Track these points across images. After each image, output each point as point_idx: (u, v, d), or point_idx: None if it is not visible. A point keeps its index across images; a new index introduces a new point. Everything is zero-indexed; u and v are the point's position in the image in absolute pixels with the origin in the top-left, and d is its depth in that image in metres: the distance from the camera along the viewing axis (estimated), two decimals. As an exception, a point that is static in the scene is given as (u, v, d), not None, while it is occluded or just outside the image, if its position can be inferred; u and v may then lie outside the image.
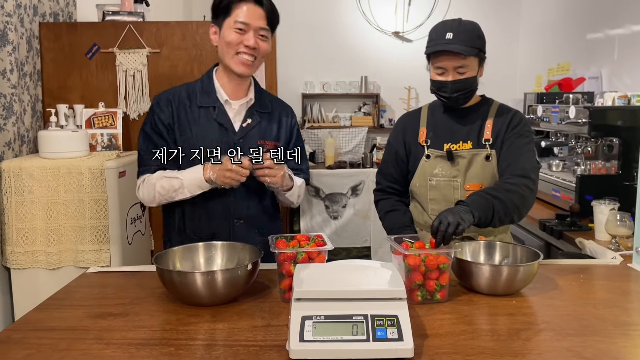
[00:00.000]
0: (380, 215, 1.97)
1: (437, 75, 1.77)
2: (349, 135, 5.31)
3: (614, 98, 2.78)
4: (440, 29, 1.75)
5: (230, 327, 1.23)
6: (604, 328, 1.24)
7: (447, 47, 1.69)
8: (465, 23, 1.75)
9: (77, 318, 1.30)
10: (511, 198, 1.62)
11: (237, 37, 1.67)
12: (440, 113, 1.87)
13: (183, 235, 1.77)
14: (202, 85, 1.78)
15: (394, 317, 1.08)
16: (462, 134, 1.82)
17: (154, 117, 1.74)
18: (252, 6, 1.66)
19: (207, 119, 1.74)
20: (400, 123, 1.96)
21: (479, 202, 1.57)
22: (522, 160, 1.72)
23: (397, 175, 1.92)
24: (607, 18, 3.82)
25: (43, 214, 2.40)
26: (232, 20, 1.66)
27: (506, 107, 1.87)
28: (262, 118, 1.79)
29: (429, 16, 5.42)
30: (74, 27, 2.86)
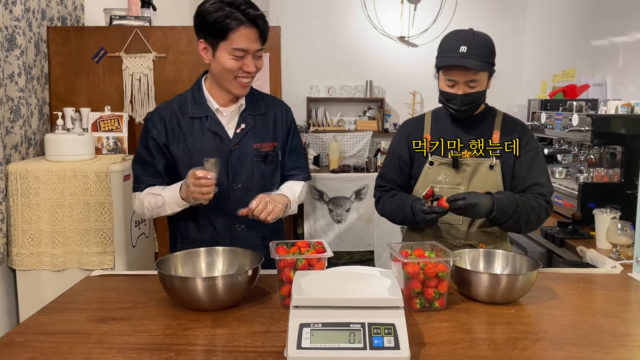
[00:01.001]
0: (383, 202, 1.91)
1: (447, 87, 1.76)
2: (353, 139, 5.33)
3: (617, 106, 2.78)
4: (453, 41, 1.74)
5: (230, 333, 1.25)
6: (602, 338, 1.25)
7: (461, 62, 1.68)
8: (479, 36, 1.74)
9: (79, 322, 1.32)
10: (530, 214, 1.74)
11: (236, 63, 1.64)
12: (445, 121, 1.88)
13: (186, 242, 1.79)
14: (193, 96, 1.78)
15: (391, 325, 1.09)
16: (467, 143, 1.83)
17: (146, 135, 1.77)
18: (249, 30, 1.62)
19: (201, 129, 1.74)
20: (403, 129, 1.96)
21: (503, 202, 1.69)
22: (543, 183, 1.81)
23: (400, 180, 1.92)
24: (612, 25, 3.82)
25: (48, 216, 2.42)
26: (229, 46, 1.62)
27: (511, 117, 1.89)
28: (256, 121, 1.79)
29: (434, 21, 5.43)
30: (82, 31, 2.89)
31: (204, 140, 1.74)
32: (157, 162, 1.76)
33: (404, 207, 1.78)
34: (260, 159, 1.78)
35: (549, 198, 1.81)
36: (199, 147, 1.73)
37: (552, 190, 1.83)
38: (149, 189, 1.76)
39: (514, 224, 1.74)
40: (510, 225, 1.75)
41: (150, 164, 1.76)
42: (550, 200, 1.81)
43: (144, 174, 1.77)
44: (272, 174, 1.82)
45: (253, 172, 1.77)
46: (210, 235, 1.77)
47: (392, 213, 1.86)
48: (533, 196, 1.77)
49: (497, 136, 1.82)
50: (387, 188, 1.92)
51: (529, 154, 1.82)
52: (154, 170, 1.76)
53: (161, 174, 1.77)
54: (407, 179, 1.91)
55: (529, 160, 1.81)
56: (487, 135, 1.83)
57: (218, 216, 1.76)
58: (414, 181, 1.88)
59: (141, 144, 1.78)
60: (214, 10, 1.61)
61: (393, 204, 1.86)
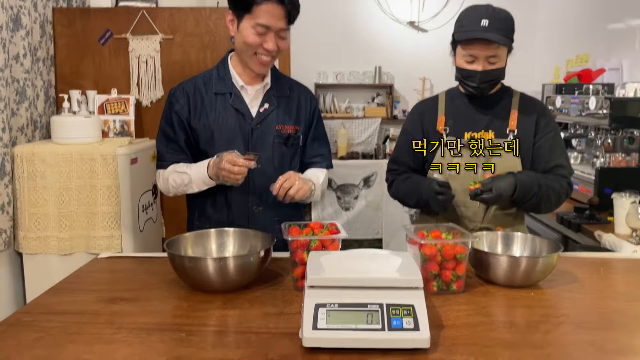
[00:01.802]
0: (397, 185, 1.86)
1: (465, 64, 1.71)
2: (361, 126, 5.27)
3: (636, 89, 2.71)
4: (473, 15, 1.68)
5: (241, 314, 1.21)
6: (626, 322, 1.21)
7: (484, 34, 1.63)
8: (499, 10, 1.68)
9: (88, 302, 1.28)
10: (551, 195, 1.71)
11: (257, 39, 1.61)
12: (460, 101, 1.83)
13: (202, 220, 1.76)
14: (218, 72, 1.75)
15: (410, 306, 1.05)
16: (484, 123, 1.78)
17: (169, 110, 1.74)
18: (274, 6, 1.58)
19: (224, 105, 1.71)
20: (416, 110, 1.91)
21: (526, 184, 1.65)
22: (565, 164, 1.78)
23: (413, 164, 1.86)
24: (628, 8, 3.72)
25: (55, 200, 2.40)
26: (252, 20, 1.59)
27: (528, 97, 1.84)
28: (280, 102, 1.76)
29: (445, 5, 5.34)
30: (87, 12, 2.84)
31: (226, 116, 1.71)
32: (179, 137, 1.73)
33: (420, 190, 1.74)
34: (282, 140, 1.74)
35: (570, 180, 1.77)
36: (221, 123, 1.70)
37: (572, 171, 1.80)
38: (173, 166, 1.73)
39: (535, 205, 1.71)
40: (530, 206, 1.72)
41: (174, 140, 1.74)
42: (571, 181, 1.78)
43: (167, 151, 1.75)
44: (291, 157, 1.78)
45: (273, 153, 1.74)
46: (227, 215, 1.74)
47: (407, 195, 1.82)
48: (556, 177, 1.74)
49: (515, 116, 1.77)
50: (400, 171, 1.88)
51: (549, 135, 1.77)
52: (176, 146, 1.74)
53: (184, 150, 1.74)
54: (421, 162, 1.86)
55: (550, 141, 1.77)
56: (504, 115, 1.78)
57: (235, 196, 1.73)
58: (428, 164, 1.83)
59: (164, 119, 1.76)
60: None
61: (408, 186, 1.81)
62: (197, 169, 1.68)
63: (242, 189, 1.69)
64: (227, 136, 1.69)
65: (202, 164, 1.67)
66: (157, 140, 1.78)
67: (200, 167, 1.68)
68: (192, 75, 1.84)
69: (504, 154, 1.74)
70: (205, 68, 2.82)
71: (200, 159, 1.72)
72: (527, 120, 1.77)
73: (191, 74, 2.83)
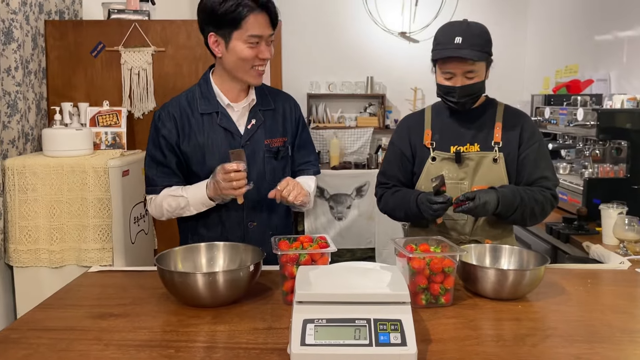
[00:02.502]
0: (386, 199, 1.86)
1: (444, 80, 1.73)
2: (354, 135, 5.29)
3: (622, 100, 2.75)
4: (448, 32, 1.71)
5: (231, 329, 1.22)
6: (612, 335, 1.22)
7: (457, 52, 1.66)
8: (473, 26, 1.71)
9: (77, 318, 1.28)
10: (534, 207, 1.72)
11: (252, 51, 1.61)
12: (445, 115, 1.85)
13: (196, 238, 1.75)
14: (201, 91, 1.73)
15: (397, 321, 1.06)
16: (469, 137, 1.80)
17: (156, 135, 1.72)
18: (261, 15, 1.59)
19: (211, 125, 1.70)
20: (404, 124, 1.93)
21: (508, 197, 1.67)
22: (550, 176, 1.79)
23: (402, 177, 1.88)
24: (616, 20, 3.78)
25: (46, 212, 2.39)
26: (243, 34, 1.58)
27: (512, 109, 1.86)
28: (266, 116, 1.76)
29: (436, 16, 5.39)
30: (80, 25, 2.85)
31: (214, 136, 1.70)
32: (170, 161, 1.71)
33: (409, 201, 1.75)
34: (272, 154, 1.74)
35: (555, 191, 1.79)
36: (211, 143, 1.69)
37: (557, 182, 1.81)
38: (166, 190, 1.71)
39: (519, 218, 1.73)
40: (514, 219, 1.74)
41: (164, 164, 1.71)
42: (556, 193, 1.79)
43: (158, 175, 1.72)
44: (282, 169, 1.78)
45: (264, 168, 1.73)
46: (221, 233, 1.73)
47: (395, 209, 1.83)
48: (539, 189, 1.75)
49: (499, 129, 1.79)
50: (389, 185, 1.89)
51: (533, 146, 1.79)
52: (168, 170, 1.72)
53: (176, 173, 1.72)
54: (410, 175, 1.88)
55: (534, 153, 1.78)
56: (489, 128, 1.80)
57: (229, 214, 1.72)
58: (416, 177, 1.85)
59: (151, 143, 1.73)
60: (223, 0, 1.57)
61: (397, 199, 1.82)
62: (195, 191, 1.66)
63: (237, 206, 1.68)
64: (218, 156, 1.68)
65: (199, 186, 1.66)
66: (146, 165, 1.75)
67: (197, 189, 1.66)
68: (184, 88, 1.84)
69: (490, 167, 1.76)
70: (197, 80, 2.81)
71: (192, 180, 1.72)
72: (511, 132, 1.79)
73: (183, 86, 2.84)
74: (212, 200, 1.63)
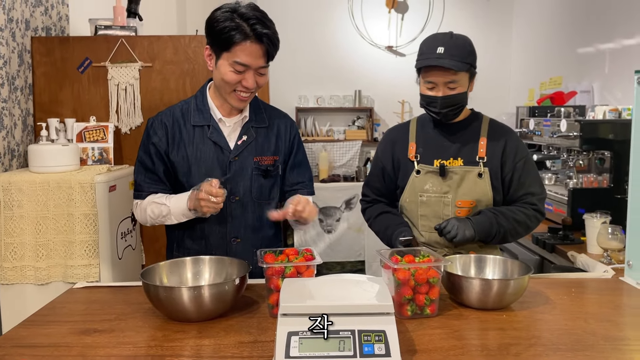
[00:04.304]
0: (370, 221, 1.94)
1: (427, 90, 1.75)
2: (342, 148, 5.32)
3: (604, 111, 2.79)
4: (431, 43, 1.74)
5: (216, 343, 1.21)
6: (595, 343, 1.23)
7: (438, 62, 1.68)
8: (457, 37, 1.74)
9: (61, 334, 1.27)
10: (516, 227, 1.76)
11: (236, 77, 1.61)
12: (430, 128, 1.86)
13: (181, 251, 1.76)
14: (196, 103, 1.75)
15: (382, 332, 1.06)
16: (453, 151, 1.81)
17: (147, 142, 1.75)
18: (254, 45, 1.58)
19: (202, 138, 1.71)
20: (388, 137, 1.94)
21: (484, 225, 1.72)
22: (535, 191, 1.80)
23: (384, 189, 1.92)
24: (598, 32, 3.85)
25: (32, 229, 2.37)
26: (231, 58, 1.58)
27: (497, 123, 1.87)
28: (259, 133, 1.76)
29: (422, 30, 5.47)
30: (66, 41, 2.86)
31: (204, 149, 1.71)
32: (158, 168, 1.73)
33: (388, 236, 1.83)
34: (260, 172, 1.74)
35: (540, 206, 1.80)
36: (199, 156, 1.70)
37: (544, 196, 1.83)
38: (151, 197, 1.73)
39: (501, 240, 1.78)
40: (497, 241, 1.79)
41: (152, 171, 1.74)
42: (541, 208, 1.81)
43: (145, 181, 1.75)
44: (270, 188, 1.78)
45: (251, 185, 1.73)
46: (205, 247, 1.74)
47: (378, 233, 1.90)
48: (522, 206, 1.78)
49: (484, 143, 1.80)
50: (370, 198, 1.93)
51: (518, 164, 1.80)
52: (155, 177, 1.74)
53: (163, 180, 1.75)
54: (392, 188, 1.90)
55: (519, 171, 1.80)
56: (474, 142, 1.81)
57: (213, 228, 1.73)
58: (400, 190, 1.86)
59: (142, 149, 1.76)
60: (223, 19, 1.57)
61: (379, 226, 1.88)
62: (176, 201, 1.68)
63: (220, 221, 1.69)
64: (205, 169, 1.69)
65: (181, 197, 1.67)
66: (135, 170, 1.78)
67: (179, 199, 1.67)
68: (171, 103, 1.86)
69: (475, 181, 1.78)
70: (184, 95, 2.85)
71: (178, 190, 1.73)
72: (495, 147, 1.80)
73: (170, 101, 2.86)
74: (194, 212, 1.64)
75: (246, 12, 1.58)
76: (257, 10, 1.61)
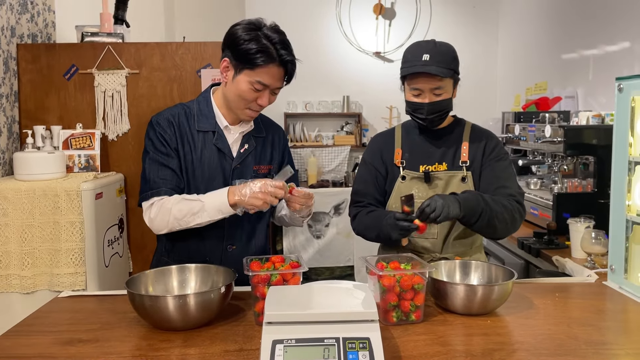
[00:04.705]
0: (360, 219, 1.85)
1: (413, 97, 1.77)
2: (331, 154, 5.34)
3: (588, 117, 2.83)
4: (415, 50, 1.75)
5: (202, 352, 1.21)
6: (577, 347, 1.24)
7: (424, 68, 1.69)
8: (440, 44, 1.76)
9: (44, 345, 1.27)
10: (502, 212, 1.69)
11: (254, 95, 1.63)
12: (415, 134, 1.88)
13: (172, 258, 1.74)
14: (200, 108, 1.73)
15: (366, 339, 1.07)
16: (437, 156, 1.83)
17: (157, 138, 1.68)
18: (277, 69, 1.61)
19: (206, 143, 1.71)
20: (375, 143, 1.95)
21: (470, 201, 1.63)
22: (510, 185, 1.78)
23: (378, 195, 1.89)
24: (582, 39, 3.91)
25: (17, 237, 2.36)
26: (252, 77, 1.60)
27: (479, 128, 1.90)
28: (257, 143, 1.78)
29: (409, 37, 5.50)
30: (53, 48, 2.85)
31: (208, 155, 1.70)
32: (173, 162, 1.67)
33: (380, 222, 1.74)
34: None
35: (519, 199, 1.77)
36: (202, 161, 1.70)
37: (521, 192, 1.80)
38: (179, 195, 1.64)
39: (488, 224, 1.66)
40: (484, 226, 1.67)
41: (167, 166, 1.66)
42: (521, 201, 1.77)
43: (160, 177, 1.65)
44: None
45: None
46: (198, 252, 1.73)
47: (368, 229, 1.82)
48: (502, 196, 1.74)
49: (466, 147, 1.83)
50: (364, 203, 1.89)
51: (494, 160, 1.81)
52: (170, 172, 1.66)
53: (178, 175, 1.67)
54: (383, 194, 1.90)
55: (494, 166, 1.80)
56: (457, 146, 1.84)
57: (210, 234, 1.72)
58: (387, 196, 1.87)
59: (152, 147, 1.68)
60: (249, 39, 1.58)
61: (370, 219, 1.82)
62: (213, 195, 1.61)
63: (218, 227, 1.68)
64: (208, 174, 1.69)
65: (218, 192, 1.61)
66: (147, 169, 1.68)
67: (215, 194, 1.61)
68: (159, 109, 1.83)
69: (459, 185, 1.80)
70: (172, 101, 2.84)
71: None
72: (476, 150, 1.83)
73: (158, 108, 2.85)
74: (233, 207, 1.58)
75: (272, 35, 1.60)
76: (281, 32, 1.63)
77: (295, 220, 1.81)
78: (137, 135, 2.86)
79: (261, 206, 1.55)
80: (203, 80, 2.86)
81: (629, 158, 1.64)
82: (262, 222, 1.82)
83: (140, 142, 2.87)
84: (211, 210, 1.60)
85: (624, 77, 1.65)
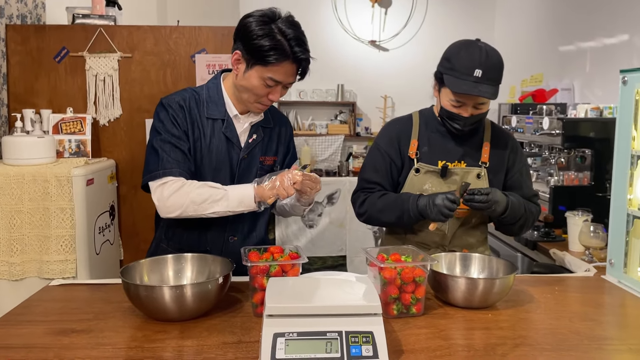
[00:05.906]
0: (372, 202, 1.77)
1: (452, 107, 1.68)
2: (325, 143, 5.30)
3: (586, 110, 2.82)
4: (466, 61, 1.61)
5: (199, 344, 1.18)
6: (580, 342, 1.23)
7: (476, 89, 1.59)
8: (492, 54, 1.64)
9: (36, 335, 1.23)
10: (529, 220, 1.80)
11: (265, 90, 1.58)
12: (435, 128, 1.80)
13: (172, 245, 1.71)
14: (210, 95, 1.67)
15: (369, 333, 1.04)
16: (458, 154, 1.78)
17: (169, 120, 1.60)
18: (291, 66, 1.55)
19: (215, 131, 1.65)
20: (392, 130, 1.83)
21: (516, 206, 1.72)
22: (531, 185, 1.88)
23: (389, 185, 1.81)
24: (579, 31, 3.89)
25: (6, 223, 2.30)
26: (265, 72, 1.54)
27: (498, 128, 1.87)
28: (265, 133, 1.73)
29: (405, 26, 5.46)
30: (42, 29, 2.77)
31: (217, 143, 1.65)
32: (184, 145, 1.60)
33: (403, 203, 1.69)
34: (263, 172, 1.70)
35: (537, 200, 1.87)
36: (211, 149, 1.64)
37: (536, 191, 1.90)
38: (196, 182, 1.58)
39: (516, 226, 1.78)
40: (512, 227, 1.79)
41: (179, 147, 1.59)
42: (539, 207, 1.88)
43: (172, 156, 1.57)
44: None
45: None
46: (199, 242, 1.69)
47: (384, 210, 1.74)
48: (533, 204, 1.83)
49: (487, 149, 1.79)
50: (375, 190, 1.80)
51: (522, 168, 1.85)
52: (184, 155, 1.59)
53: (189, 159, 1.60)
54: (396, 184, 1.82)
55: (523, 174, 1.85)
56: (477, 147, 1.80)
57: (212, 226, 1.68)
58: (400, 187, 1.80)
59: (163, 128, 1.60)
60: (263, 34, 1.51)
61: (387, 201, 1.74)
62: (237, 187, 1.57)
63: (220, 219, 1.63)
64: (216, 163, 1.64)
65: (243, 185, 1.58)
66: (159, 149, 1.59)
67: (240, 186, 1.58)
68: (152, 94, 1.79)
69: (474, 182, 1.76)
70: (165, 86, 2.79)
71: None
72: (498, 154, 1.80)
73: (151, 93, 2.80)
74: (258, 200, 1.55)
75: (286, 30, 1.53)
76: (296, 26, 1.56)
77: (297, 209, 1.77)
78: (129, 121, 2.81)
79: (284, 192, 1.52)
80: (197, 65, 2.81)
81: (632, 152, 1.62)
82: (264, 213, 1.79)
83: (132, 128, 2.82)
84: (233, 200, 1.55)
85: (629, 70, 1.62)
